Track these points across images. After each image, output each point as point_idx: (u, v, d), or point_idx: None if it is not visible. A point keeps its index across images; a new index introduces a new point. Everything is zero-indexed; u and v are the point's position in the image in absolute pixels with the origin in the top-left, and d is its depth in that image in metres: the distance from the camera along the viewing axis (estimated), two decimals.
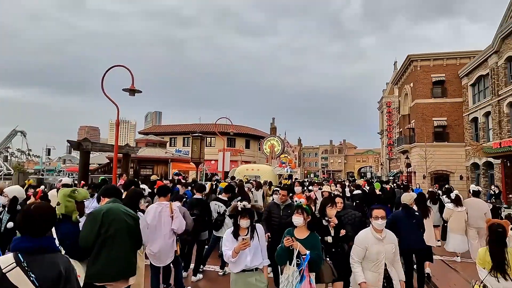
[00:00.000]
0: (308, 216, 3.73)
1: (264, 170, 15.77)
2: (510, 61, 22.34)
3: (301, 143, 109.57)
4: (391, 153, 40.93)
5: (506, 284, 3.37)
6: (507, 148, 19.57)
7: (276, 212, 5.65)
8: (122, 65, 8.52)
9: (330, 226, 4.39)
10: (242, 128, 47.42)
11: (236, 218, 3.67)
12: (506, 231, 3.58)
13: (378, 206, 4.14)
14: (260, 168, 15.75)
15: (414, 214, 5.72)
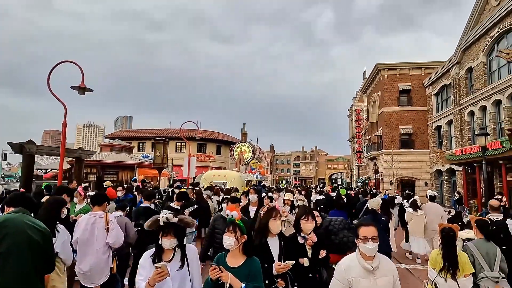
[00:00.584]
0: (243, 236, 2.80)
1: (232, 176, 15.27)
2: (471, 72, 23.30)
3: (274, 150, 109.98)
4: (360, 160, 41.67)
5: (452, 284, 3.57)
6: (468, 155, 20.24)
7: (221, 228, 4.51)
8: (71, 61, 7.77)
9: (307, 245, 3.52)
10: (213, 133, 46.71)
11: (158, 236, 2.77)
12: (456, 234, 3.84)
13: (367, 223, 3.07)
14: (227, 174, 15.24)
15: (380, 219, 5.82)
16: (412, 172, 30.17)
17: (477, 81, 22.12)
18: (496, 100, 19.92)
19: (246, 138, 39.09)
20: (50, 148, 8.74)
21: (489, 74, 21.17)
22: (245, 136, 40.38)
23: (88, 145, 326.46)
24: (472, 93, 22.69)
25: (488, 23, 20.24)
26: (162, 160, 14.32)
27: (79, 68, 7.66)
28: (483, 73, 21.38)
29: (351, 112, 52.77)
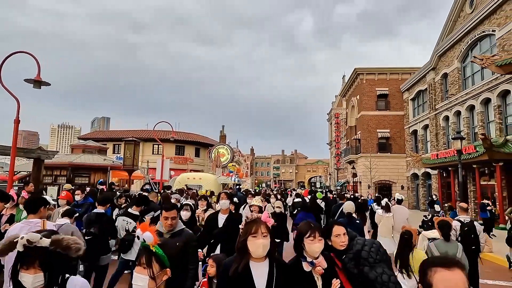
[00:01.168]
0: (163, 272, 1.82)
1: (207, 179, 14.71)
2: (446, 78, 23.74)
3: (254, 153, 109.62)
4: (339, 163, 41.91)
5: (409, 282, 3.87)
6: (443, 159, 20.51)
7: None
8: (26, 52, 7.08)
9: (315, 273, 2.50)
10: (192, 135, 45.78)
11: None
12: (411, 237, 4.16)
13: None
14: (203, 177, 14.67)
15: (355, 222, 5.96)
16: (389, 176, 30.49)
17: (452, 86, 22.54)
18: (470, 105, 20.30)
19: (225, 140, 38.51)
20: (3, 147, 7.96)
21: (463, 80, 21.60)
22: (224, 138, 39.79)
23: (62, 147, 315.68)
24: (447, 98, 23.10)
25: (462, 30, 20.66)
26: (133, 162, 13.58)
27: (35, 60, 6.96)
28: (458, 79, 21.80)
29: (330, 116, 53.19)
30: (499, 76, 17.40)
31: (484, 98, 18.84)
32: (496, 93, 17.69)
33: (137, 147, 14.25)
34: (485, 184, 18.53)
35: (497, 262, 9.11)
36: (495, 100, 17.83)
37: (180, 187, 14.19)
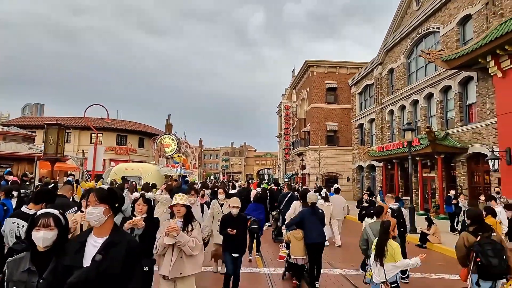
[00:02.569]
0: None
1: (147, 170, 13.22)
2: (392, 73, 24.44)
3: (202, 145, 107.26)
4: (288, 155, 42.07)
5: (380, 269, 4.04)
6: (388, 152, 21.05)
7: None
8: None
9: None
10: (135, 124, 42.87)
11: None
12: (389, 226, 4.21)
13: None
14: (143, 168, 13.15)
15: (317, 211, 6.26)
16: (336, 168, 31.06)
17: (397, 81, 23.23)
18: (414, 100, 21.02)
19: (171, 130, 36.46)
20: None
21: (408, 75, 22.32)
22: (170, 127, 37.70)
23: None
24: (393, 93, 23.80)
25: (409, 27, 21.23)
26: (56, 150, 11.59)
27: None
28: (403, 74, 22.48)
29: (280, 109, 53.27)
30: (442, 72, 18.08)
31: (427, 93, 19.54)
32: (439, 88, 18.39)
33: (61, 132, 12.22)
34: (426, 176, 19.31)
35: (448, 254, 9.05)
36: (438, 95, 18.54)
37: (116, 179, 12.56)
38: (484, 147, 14.64)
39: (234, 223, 5.08)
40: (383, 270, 4.01)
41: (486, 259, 3.85)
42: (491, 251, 3.88)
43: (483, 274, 3.90)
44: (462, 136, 16.47)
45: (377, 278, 4.07)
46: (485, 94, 14.97)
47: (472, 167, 16.22)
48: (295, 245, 6.03)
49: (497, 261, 3.83)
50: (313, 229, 5.94)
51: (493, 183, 14.25)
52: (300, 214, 6.25)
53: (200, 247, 3.80)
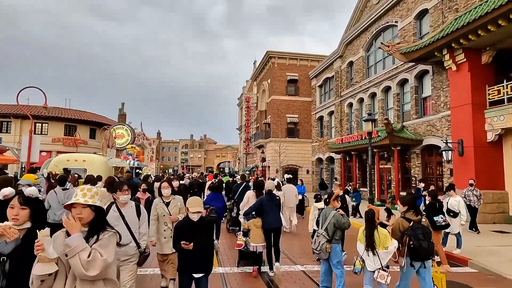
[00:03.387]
0: None
1: (93, 161, 11.93)
2: (351, 66, 24.67)
3: (161, 137, 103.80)
4: (248, 148, 41.60)
5: (374, 258, 4.25)
6: (346, 144, 21.23)
7: None
8: None
9: None
10: (86, 114, 39.99)
11: None
12: (374, 215, 4.40)
13: None
14: (88, 159, 11.85)
15: (275, 198, 6.52)
16: (296, 160, 31.10)
17: (356, 74, 23.48)
18: (372, 93, 21.32)
19: (124, 120, 34.41)
20: None
21: (367, 68, 22.61)
22: (124, 117, 35.57)
23: None
24: (352, 85, 24.05)
25: (368, 20, 21.41)
26: None
27: None
28: (362, 67, 22.74)
29: (241, 101, 52.57)
30: (399, 65, 18.40)
31: (385, 86, 19.86)
32: (396, 81, 18.72)
33: None
34: (383, 168, 19.72)
35: None
36: (395, 88, 18.89)
37: (56, 171, 11.19)
38: (438, 139, 15.06)
39: (195, 232, 3.74)
40: (377, 257, 4.25)
41: (417, 242, 4.24)
42: (422, 234, 4.28)
43: (414, 255, 4.30)
44: (417, 128, 16.89)
45: (372, 266, 4.30)
46: (440, 87, 15.37)
47: (426, 159, 16.71)
48: (255, 233, 6.21)
49: (426, 243, 4.25)
50: (271, 216, 6.24)
51: (445, 174, 14.73)
52: (259, 201, 6.44)
53: (104, 265, 2.14)
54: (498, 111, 12.23)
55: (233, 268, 6.70)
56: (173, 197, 5.46)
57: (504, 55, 12.89)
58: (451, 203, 7.69)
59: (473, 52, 12.83)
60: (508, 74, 12.94)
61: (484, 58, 12.79)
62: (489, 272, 6.57)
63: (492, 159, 12.67)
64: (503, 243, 8.95)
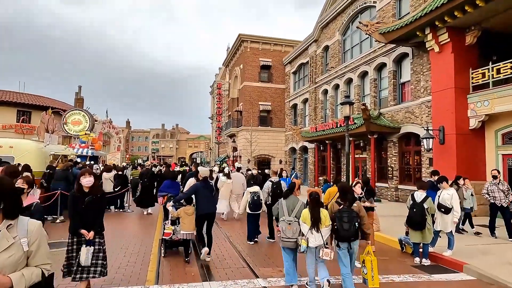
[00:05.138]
0: None
1: (23, 148, 9.95)
2: (327, 50, 23.47)
3: (130, 126, 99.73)
4: (220, 137, 39.87)
5: (317, 235, 4.65)
6: (321, 132, 20.09)
7: None
8: None
9: None
10: (43, 99, 36.71)
11: None
12: (320, 196, 4.98)
13: None
14: (16, 145, 9.87)
15: (209, 185, 6.70)
16: (269, 150, 29.83)
17: (332, 59, 22.31)
18: (348, 78, 20.23)
19: (82, 105, 31.68)
20: None
21: (343, 53, 21.46)
22: (81, 102, 32.77)
23: None
24: (327, 71, 22.88)
25: (345, 1, 20.18)
26: None
27: None
28: (338, 52, 21.57)
29: (213, 89, 50.57)
30: (377, 49, 17.34)
31: (361, 72, 18.79)
32: (373, 66, 17.67)
33: None
34: (358, 157, 18.77)
35: (390, 244, 7.84)
36: (372, 73, 17.84)
37: None
38: (417, 127, 14.15)
39: None
40: (320, 235, 4.64)
41: (340, 224, 4.57)
42: (347, 217, 4.58)
43: (337, 236, 4.66)
44: (395, 115, 15.94)
45: (314, 243, 4.64)
46: (420, 71, 14.40)
47: (403, 148, 15.83)
48: (186, 220, 6.18)
49: (348, 225, 4.54)
50: (206, 201, 6.35)
51: (424, 164, 13.85)
52: (193, 186, 6.53)
53: None
54: (482, 96, 11.35)
55: None
56: None
57: (489, 36, 12.01)
58: (443, 197, 6.55)
59: (457, 32, 11.84)
60: (492, 57, 12.09)
61: (469, 38, 11.83)
62: (489, 280, 5.47)
63: (474, 148, 11.85)
64: (492, 240, 8.00)
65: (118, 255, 6.48)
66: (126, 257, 6.41)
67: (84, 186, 4.35)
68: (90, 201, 4.29)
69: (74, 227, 4.26)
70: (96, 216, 4.38)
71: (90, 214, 4.29)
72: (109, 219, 10.51)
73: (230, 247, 7.41)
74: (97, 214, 4.40)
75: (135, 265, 5.96)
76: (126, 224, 9.98)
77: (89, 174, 4.41)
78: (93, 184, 4.38)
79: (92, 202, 4.31)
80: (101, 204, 4.54)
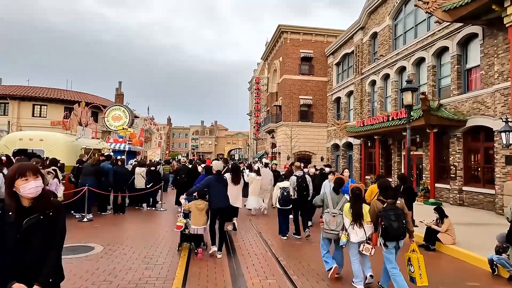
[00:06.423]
0: None
1: (52, 141, 9.49)
2: (375, 38, 21.46)
3: (171, 123, 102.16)
4: (258, 133, 38.86)
5: (359, 230, 4.62)
6: (369, 126, 18.29)
7: None
8: None
9: None
10: (89, 96, 37.82)
11: None
12: (362, 192, 4.91)
13: None
14: (46, 138, 9.45)
15: (223, 179, 6.56)
16: (310, 147, 28.27)
17: (381, 47, 20.29)
18: (400, 67, 18.19)
19: (122, 100, 32.11)
20: None
21: (394, 39, 19.39)
22: (121, 98, 33.27)
23: None
24: (375, 60, 20.89)
25: None
26: None
27: None
28: (388, 38, 19.52)
29: (252, 84, 49.71)
30: (436, 32, 15.24)
31: (417, 58, 16.72)
32: (432, 51, 15.57)
33: None
34: (412, 155, 16.74)
35: (470, 261, 6.22)
36: (430, 60, 15.74)
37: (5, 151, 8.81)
38: (489, 119, 12.04)
39: None
40: (363, 230, 4.64)
41: (388, 222, 4.33)
42: (394, 215, 4.36)
43: (386, 235, 4.38)
44: (460, 106, 13.82)
45: (356, 238, 4.65)
46: (493, 53, 12.21)
47: (470, 144, 13.69)
48: (196, 215, 6.01)
49: (397, 224, 4.33)
50: (219, 195, 6.17)
51: (499, 162, 11.71)
52: (206, 180, 6.33)
53: None
54: None
55: None
56: None
57: None
58: None
59: None
60: None
61: None
62: None
63: None
64: None
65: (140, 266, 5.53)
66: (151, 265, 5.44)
67: (24, 196, 2.14)
68: (34, 224, 2.11)
69: None
70: (46, 252, 2.15)
71: (33, 251, 2.11)
72: (141, 216, 9.83)
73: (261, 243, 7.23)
74: (48, 248, 2.16)
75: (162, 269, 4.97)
76: (156, 223, 9.15)
77: (33, 173, 2.17)
78: (41, 193, 2.19)
79: (38, 226, 2.13)
80: (57, 228, 2.22)
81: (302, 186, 7.86)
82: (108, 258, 5.57)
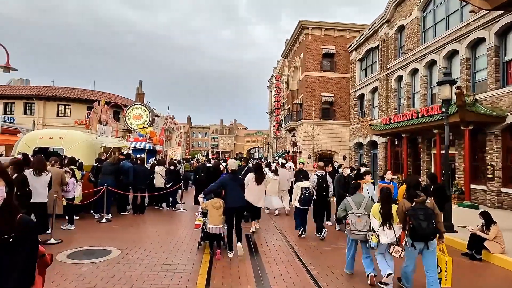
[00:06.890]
0: None
1: (72, 139, 9.33)
2: (401, 31, 20.49)
3: (191, 122, 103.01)
4: (278, 131, 38.29)
5: (389, 232, 4.54)
6: (396, 124, 17.42)
7: None
8: None
9: None
10: (110, 96, 38.40)
11: None
12: (391, 192, 4.94)
13: None
14: (66, 136, 9.30)
15: (238, 178, 6.54)
16: (332, 145, 27.48)
17: (408, 40, 19.31)
18: (430, 61, 17.21)
19: (143, 99, 32.33)
20: None
21: (422, 32, 18.40)
22: (142, 96, 33.50)
23: None
24: (402, 55, 19.92)
25: None
26: None
27: None
28: (417, 31, 18.54)
29: (271, 82, 49.12)
30: (471, 22, 14.24)
31: (449, 51, 15.74)
32: (466, 43, 14.58)
33: None
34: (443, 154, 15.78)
35: None
36: (463, 52, 14.75)
37: (25, 150, 8.72)
38: None
39: None
40: (393, 231, 4.53)
41: (417, 222, 4.16)
42: (423, 215, 4.18)
43: (414, 235, 4.21)
44: (498, 102, 12.83)
45: (386, 240, 4.54)
46: None
47: (509, 142, 12.68)
48: (213, 214, 5.94)
49: (426, 224, 4.14)
50: (234, 194, 6.10)
51: None
52: (221, 179, 6.26)
53: None
54: None
55: None
56: None
57: None
58: None
59: None
60: None
61: None
62: None
63: None
64: None
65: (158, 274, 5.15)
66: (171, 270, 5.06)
67: None
68: None
69: None
70: None
71: None
72: (160, 217, 9.54)
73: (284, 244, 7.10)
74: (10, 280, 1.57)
75: None
76: (176, 224, 8.81)
77: None
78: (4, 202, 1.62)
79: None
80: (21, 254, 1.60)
81: (322, 186, 7.96)
82: (125, 264, 5.22)
